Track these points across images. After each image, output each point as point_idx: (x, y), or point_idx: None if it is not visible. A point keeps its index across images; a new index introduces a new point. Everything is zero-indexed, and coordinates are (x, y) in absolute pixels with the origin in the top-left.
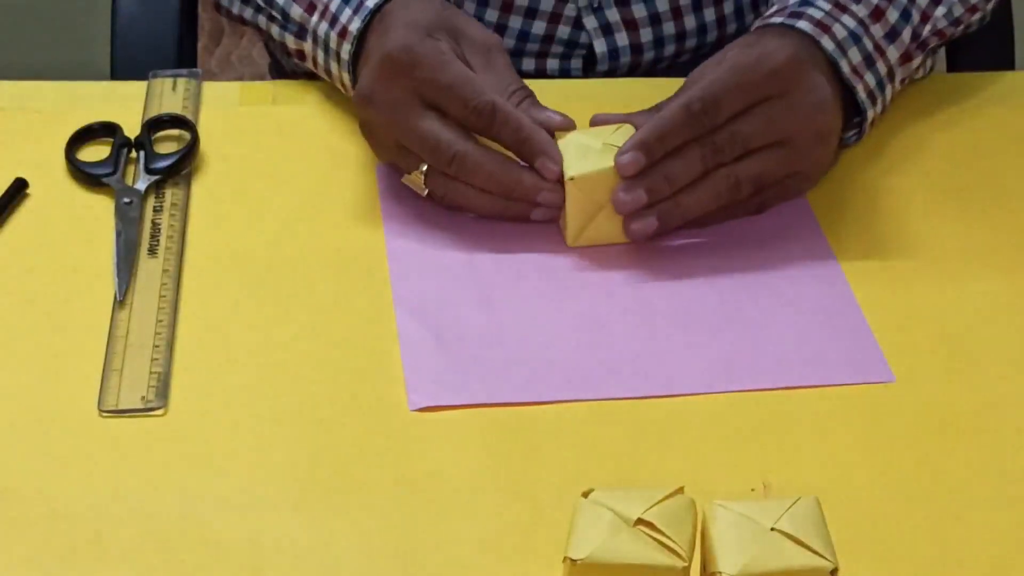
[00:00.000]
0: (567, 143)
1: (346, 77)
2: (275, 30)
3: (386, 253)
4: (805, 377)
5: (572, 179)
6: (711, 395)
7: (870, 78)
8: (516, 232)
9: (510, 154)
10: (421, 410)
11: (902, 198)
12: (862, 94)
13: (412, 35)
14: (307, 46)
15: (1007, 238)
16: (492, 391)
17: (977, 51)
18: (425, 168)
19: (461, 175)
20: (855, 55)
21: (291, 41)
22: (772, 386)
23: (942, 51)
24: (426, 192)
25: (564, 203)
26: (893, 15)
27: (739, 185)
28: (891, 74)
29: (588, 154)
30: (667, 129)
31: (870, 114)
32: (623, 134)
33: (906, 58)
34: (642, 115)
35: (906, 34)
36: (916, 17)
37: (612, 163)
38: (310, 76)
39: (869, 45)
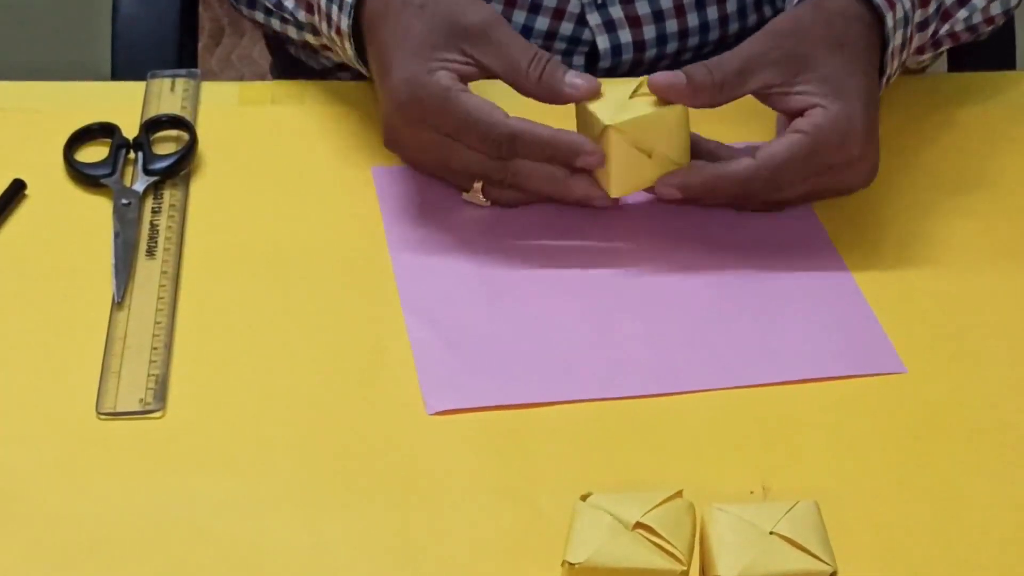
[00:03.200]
0: (597, 102)
1: (349, 51)
2: (292, 31)
3: (390, 256)
4: (815, 370)
5: (612, 127)
6: (712, 395)
7: (897, 64)
8: (519, 231)
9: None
10: (439, 413)
11: (903, 197)
12: (884, 78)
13: (414, 72)
14: (326, 40)
15: (1006, 236)
16: (507, 393)
17: (977, 51)
18: (480, 185)
19: (516, 184)
20: (898, 38)
21: (312, 39)
22: (783, 380)
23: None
24: (487, 203)
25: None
26: (931, 6)
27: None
28: (903, 63)
29: (621, 105)
30: (718, 187)
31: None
32: (647, 87)
33: (919, 51)
34: (698, 69)
35: (931, 28)
36: (939, 13)
37: (648, 111)
38: (321, 75)
39: (908, 31)
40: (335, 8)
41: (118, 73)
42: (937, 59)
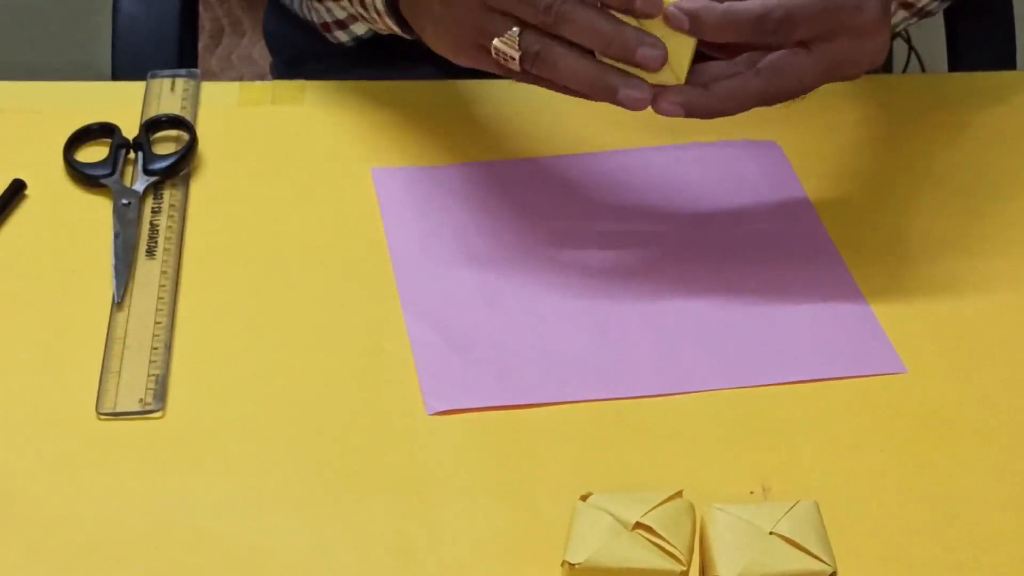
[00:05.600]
0: None
1: (379, 2)
2: None
3: (390, 256)
4: (815, 370)
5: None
6: (712, 395)
7: None
8: (520, 232)
9: None
10: (438, 413)
11: (903, 197)
12: None
13: None
14: None
15: (1007, 236)
16: (507, 393)
17: (977, 51)
18: (517, 30)
19: (559, 22)
20: None
21: None
22: (783, 380)
23: (943, 51)
24: (518, 56)
25: (661, 60)
26: None
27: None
28: None
29: None
30: (729, 24)
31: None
32: None
33: None
34: None
35: None
36: None
37: None
38: (313, 74)
39: None
40: None
41: (118, 73)
42: (932, 4)
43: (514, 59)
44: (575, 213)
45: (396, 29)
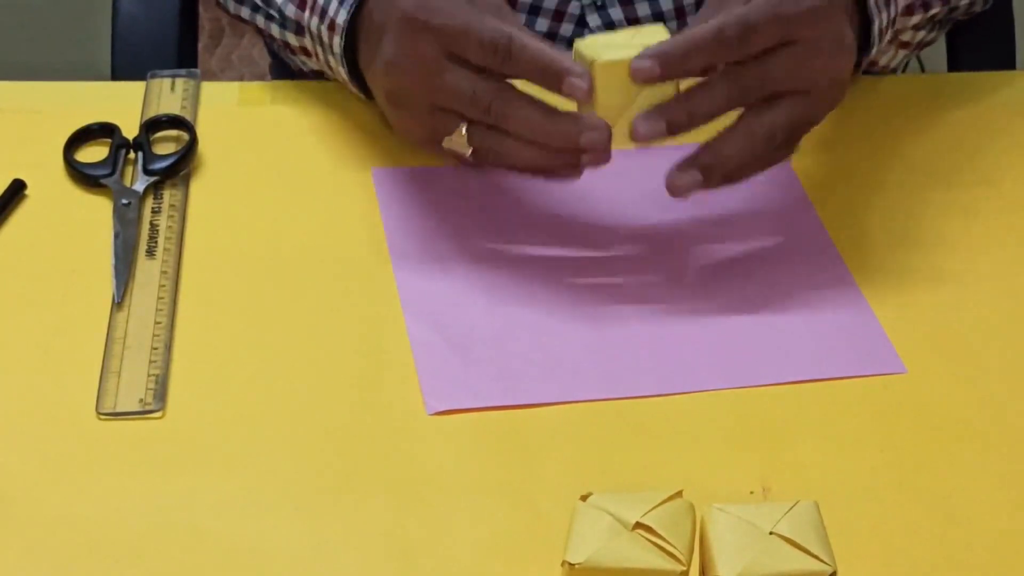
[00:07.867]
0: (592, 43)
1: (342, 72)
2: (275, 29)
3: (390, 257)
4: (815, 370)
5: (601, 64)
6: (712, 395)
7: (884, 16)
8: (520, 232)
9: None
10: (438, 413)
11: (903, 197)
12: (875, 29)
13: None
14: (308, 42)
15: (1007, 236)
16: (507, 393)
17: (977, 51)
18: (466, 127)
19: (500, 122)
20: None
21: (293, 39)
22: (783, 380)
23: (943, 51)
24: (470, 151)
25: (607, 140)
26: None
27: (774, 135)
28: (893, 21)
29: (614, 47)
30: (693, 47)
31: (873, 51)
32: (649, 34)
33: (908, 11)
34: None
35: None
36: None
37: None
38: (313, 75)
39: None
40: (334, 2)
41: (118, 73)
42: (929, 36)
43: (466, 155)
44: (575, 213)
45: (363, 96)
